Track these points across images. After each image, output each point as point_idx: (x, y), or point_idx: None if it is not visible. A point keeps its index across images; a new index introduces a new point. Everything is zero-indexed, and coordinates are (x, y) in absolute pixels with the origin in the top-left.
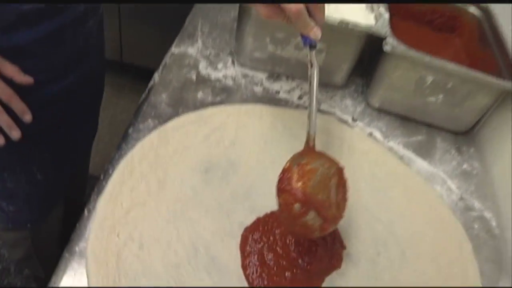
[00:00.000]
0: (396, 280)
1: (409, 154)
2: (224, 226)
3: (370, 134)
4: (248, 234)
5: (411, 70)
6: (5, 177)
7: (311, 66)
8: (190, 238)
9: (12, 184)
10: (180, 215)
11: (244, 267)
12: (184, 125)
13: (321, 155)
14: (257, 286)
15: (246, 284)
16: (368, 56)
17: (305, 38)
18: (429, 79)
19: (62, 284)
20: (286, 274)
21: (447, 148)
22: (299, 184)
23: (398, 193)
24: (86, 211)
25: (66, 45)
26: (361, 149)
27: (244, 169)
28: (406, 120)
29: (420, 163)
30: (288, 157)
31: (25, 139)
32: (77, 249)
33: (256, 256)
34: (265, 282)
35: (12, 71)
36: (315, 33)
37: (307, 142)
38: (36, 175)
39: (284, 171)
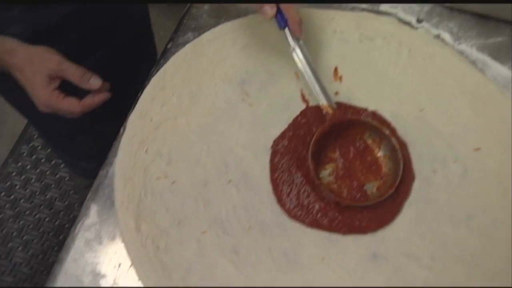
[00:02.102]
0: (452, 204)
1: (484, 58)
2: (258, 140)
3: (438, 36)
4: (276, 147)
5: None
6: (78, 141)
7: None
8: (221, 153)
9: (86, 145)
10: (212, 130)
11: (273, 182)
12: (221, 35)
13: None
14: (286, 204)
15: (275, 200)
16: None
17: (277, 19)
18: None
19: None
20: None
21: None
22: None
23: (464, 103)
24: (122, 129)
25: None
26: (424, 53)
27: (284, 80)
28: (484, 19)
29: (497, 68)
30: (335, 64)
31: None
32: (110, 167)
33: (285, 174)
34: (294, 204)
35: (77, 75)
36: (265, 11)
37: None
38: (103, 132)
39: None
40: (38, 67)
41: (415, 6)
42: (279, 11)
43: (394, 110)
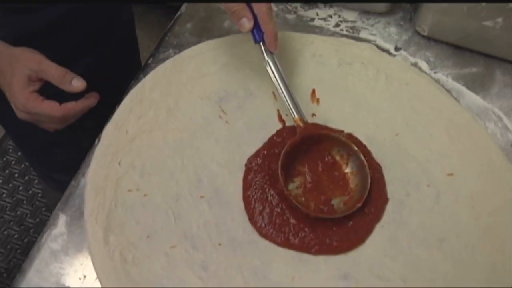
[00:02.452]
0: (425, 227)
1: (459, 87)
2: (233, 158)
3: (415, 64)
4: (250, 165)
5: None
6: (54, 152)
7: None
8: (195, 168)
9: (62, 156)
10: (187, 145)
11: (245, 200)
12: (202, 53)
13: None
14: (257, 222)
15: (246, 218)
16: None
17: (253, 33)
18: None
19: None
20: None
21: (507, 82)
22: None
23: (439, 129)
24: (97, 140)
25: (85, 18)
26: (401, 79)
27: (261, 99)
28: (460, 50)
29: (471, 98)
30: (313, 87)
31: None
32: (82, 178)
33: (258, 191)
34: (266, 222)
35: (57, 75)
36: (242, 24)
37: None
38: (81, 143)
39: None
40: (17, 68)
41: (394, 35)
42: (256, 25)
43: (369, 134)
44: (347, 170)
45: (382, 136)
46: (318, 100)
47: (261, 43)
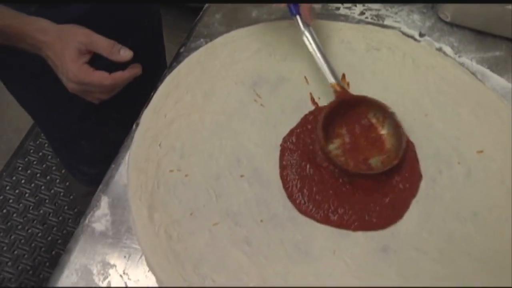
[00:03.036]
0: (458, 202)
1: (483, 70)
2: (269, 138)
3: (439, 49)
4: (286, 144)
5: None
6: (82, 144)
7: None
8: (233, 149)
9: (90, 149)
10: (225, 127)
11: (283, 178)
12: (234, 40)
13: None
14: (297, 199)
15: (285, 195)
16: None
17: (289, 6)
18: None
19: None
20: (330, 191)
21: None
22: None
23: (467, 110)
24: (134, 125)
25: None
26: (427, 63)
27: (294, 83)
28: (483, 35)
29: (496, 80)
30: (343, 71)
31: (95, 105)
32: (122, 160)
33: (296, 169)
34: (306, 199)
35: (106, 47)
36: None
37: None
38: (109, 136)
39: None
40: (68, 42)
41: (418, 22)
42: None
43: (399, 115)
44: (383, 131)
45: (412, 117)
46: (348, 84)
47: (298, 16)
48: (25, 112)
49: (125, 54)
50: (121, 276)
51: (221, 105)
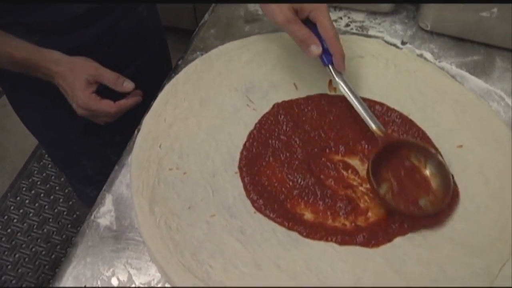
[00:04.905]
0: None
1: (462, 73)
2: None
3: (421, 55)
4: None
5: None
6: (84, 164)
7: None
8: (228, 149)
9: (92, 170)
10: (220, 130)
11: None
12: (227, 52)
13: None
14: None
15: None
16: None
17: (321, 57)
18: None
19: (110, 192)
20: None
21: (507, 67)
22: None
23: (446, 108)
24: (136, 131)
25: (120, 38)
26: (409, 68)
27: (284, 90)
28: (461, 41)
29: (475, 81)
30: (329, 78)
31: (96, 124)
32: (125, 162)
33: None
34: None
35: (112, 79)
36: (311, 51)
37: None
38: (110, 158)
39: None
40: (78, 73)
41: (400, 31)
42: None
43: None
44: (427, 172)
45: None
46: (335, 89)
47: (330, 66)
48: (29, 134)
49: (128, 85)
50: (124, 265)
51: (217, 110)
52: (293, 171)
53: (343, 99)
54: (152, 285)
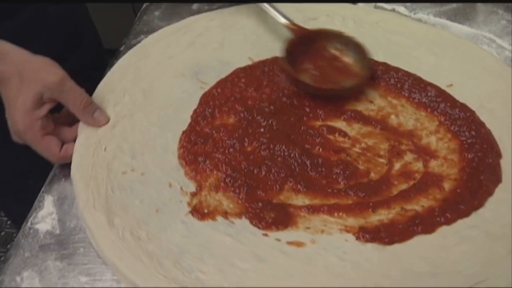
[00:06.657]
0: None
1: (442, 21)
2: None
3: (393, 10)
4: None
5: None
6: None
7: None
8: None
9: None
10: (174, 119)
11: None
12: (162, 38)
13: None
14: None
15: None
16: None
17: None
18: None
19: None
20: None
21: (492, 10)
22: None
23: (422, 51)
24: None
25: (46, 34)
26: (370, 20)
27: (239, 65)
28: None
29: (458, 28)
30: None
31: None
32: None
33: None
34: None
35: (79, 103)
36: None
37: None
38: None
39: None
40: (29, 83)
41: None
42: None
43: None
44: (347, 59)
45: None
46: None
47: None
48: None
49: (100, 118)
50: (76, 273)
51: (165, 99)
52: (274, 146)
53: None
54: None
